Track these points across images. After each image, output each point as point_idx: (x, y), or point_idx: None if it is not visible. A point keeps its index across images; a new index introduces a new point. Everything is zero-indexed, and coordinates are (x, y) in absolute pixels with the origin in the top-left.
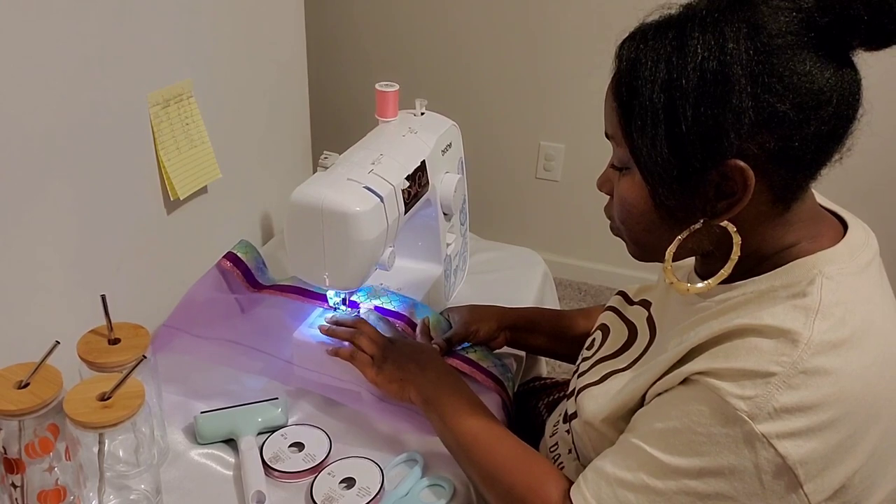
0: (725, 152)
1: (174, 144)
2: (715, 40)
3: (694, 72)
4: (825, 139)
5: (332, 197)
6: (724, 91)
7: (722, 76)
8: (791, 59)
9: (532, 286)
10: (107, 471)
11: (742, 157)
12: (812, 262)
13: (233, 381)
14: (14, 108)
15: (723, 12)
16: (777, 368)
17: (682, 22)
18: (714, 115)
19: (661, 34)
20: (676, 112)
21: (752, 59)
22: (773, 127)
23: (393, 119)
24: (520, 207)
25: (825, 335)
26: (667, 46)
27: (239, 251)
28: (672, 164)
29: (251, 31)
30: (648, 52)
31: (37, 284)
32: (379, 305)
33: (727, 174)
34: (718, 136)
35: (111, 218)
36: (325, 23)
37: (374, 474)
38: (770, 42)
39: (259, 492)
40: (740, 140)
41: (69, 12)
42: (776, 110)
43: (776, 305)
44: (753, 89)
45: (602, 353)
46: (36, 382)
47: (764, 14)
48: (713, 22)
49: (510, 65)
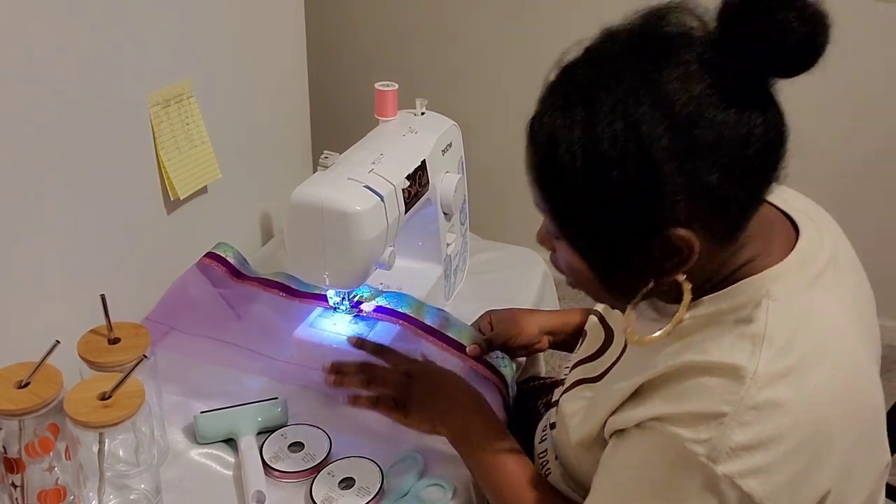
0: (660, 228)
1: (174, 144)
2: (627, 123)
3: (613, 158)
4: (759, 180)
5: (333, 196)
6: (649, 173)
7: (643, 160)
8: (710, 126)
9: (532, 286)
10: (107, 470)
11: (679, 224)
12: (759, 281)
13: (232, 381)
14: (14, 109)
15: (630, 85)
16: (727, 408)
17: (588, 97)
18: (643, 197)
19: (569, 112)
20: (603, 199)
21: (669, 138)
22: (706, 196)
23: (392, 118)
24: (520, 207)
25: (772, 366)
26: (578, 131)
27: (218, 250)
28: (607, 248)
29: (251, 31)
30: (560, 140)
31: (37, 284)
32: (380, 305)
33: (668, 243)
34: (651, 215)
35: (111, 218)
36: (325, 23)
37: (373, 474)
38: (683, 113)
39: (259, 491)
40: (676, 212)
41: (69, 12)
42: (706, 182)
43: (723, 336)
44: (679, 167)
45: (579, 355)
46: (36, 382)
47: (672, 82)
48: (622, 101)
49: (510, 65)
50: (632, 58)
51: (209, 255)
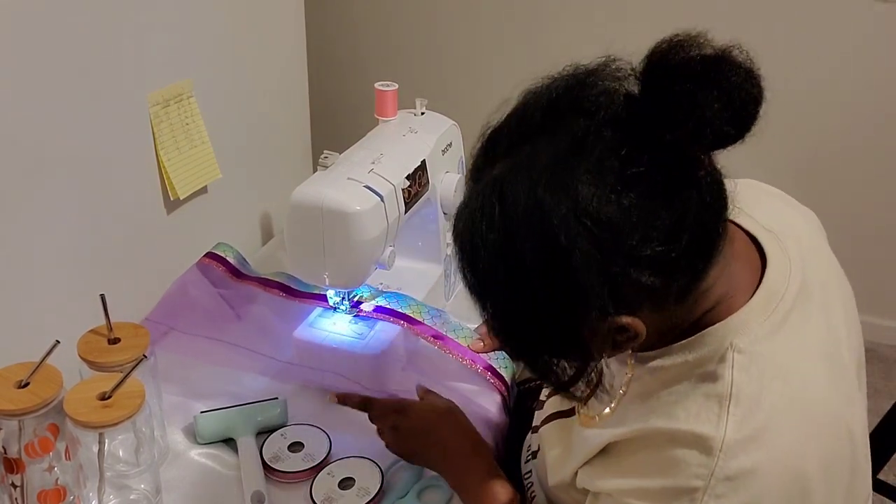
0: (598, 322)
1: (174, 144)
2: (544, 233)
3: (535, 271)
4: (704, 258)
5: (333, 196)
6: (573, 285)
7: (568, 271)
8: (632, 228)
9: None
10: (107, 471)
11: (620, 314)
12: (723, 332)
13: (233, 381)
14: (14, 108)
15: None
16: (699, 483)
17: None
18: (573, 304)
19: (486, 211)
20: (530, 305)
21: (591, 249)
22: (643, 293)
23: (392, 118)
24: None
25: (740, 430)
26: (496, 238)
27: (218, 250)
28: (543, 351)
29: (251, 31)
30: (481, 246)
31: (37, 284)
32: (379, 305)
33: (610, 329)
34: (585, 317)
35: (111, 218)
36: (324, 23)
37: (373, 474)
38: (603, 219)
39: (258, 492)
40: (610, 309)
41: (69, 12)
42: (638, 282)
43: (689, 396)
44: (604, 276)
45: None
46: (36, 382)
47: (587, 185)
48: (538, 207)
49: (510, 65)
50: (550, 143)
51: (209, 255)
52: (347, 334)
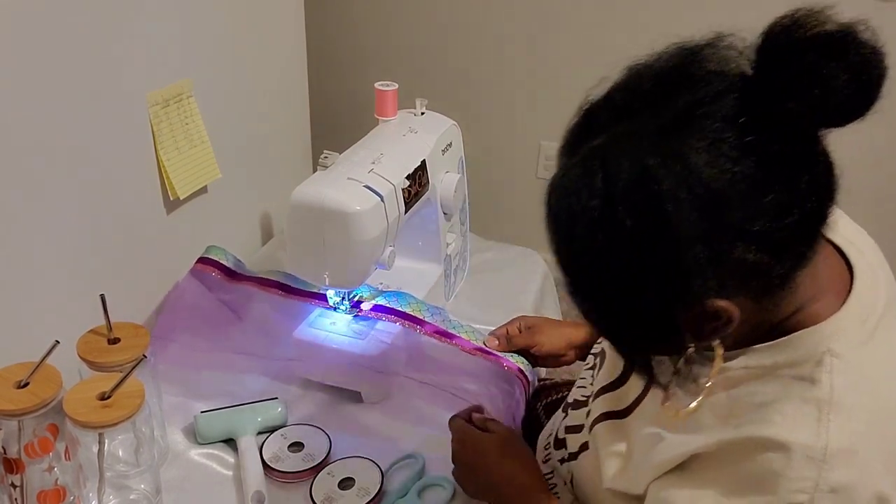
0: (692, 305)
1: (174, 144)
2: (650, 200)
3: (637, 241)
4: (804, 243)
5: (333, 196)
6: (675, 258)
7: (668, 244)
8: (742, 201)
9: (532, 286)
10: (107, 471)
11: (717, 297)
12: (818, 335)
13: (233, 381)
14: (14, 108)
15: (653, 153)
16: (802, 497)
17: (607, 163)
18: (671, 280)
19: (587, 181)
20: (626, 281)
21: (699, 219)
22: (744, 273)
23: (392, 118)
24: (520, 207)
25: (842, 438)
26: (597, 209)
27: (210, 254)
28: (634, 335)
29: (251, 31)
30: (580, 217)
31: (37, 284)
32: (379, 304)
33: (704, 312)
34: (681, 297)
35: (111, 218)
36: (325, 23)
37: (373, 474)
38: (713, 189)
39: (259, 492)
40: (706, 290)
41: (69, 12)
42: (743, 260)
43: (783, 401)
44: (709, 249)
45: (600, 381)
46: (36, 382)
47: (699, 153)
48: (645, 173)
49: (510, 64)
50: (657, 115)
51: (201, 260)
52: (347, 334)
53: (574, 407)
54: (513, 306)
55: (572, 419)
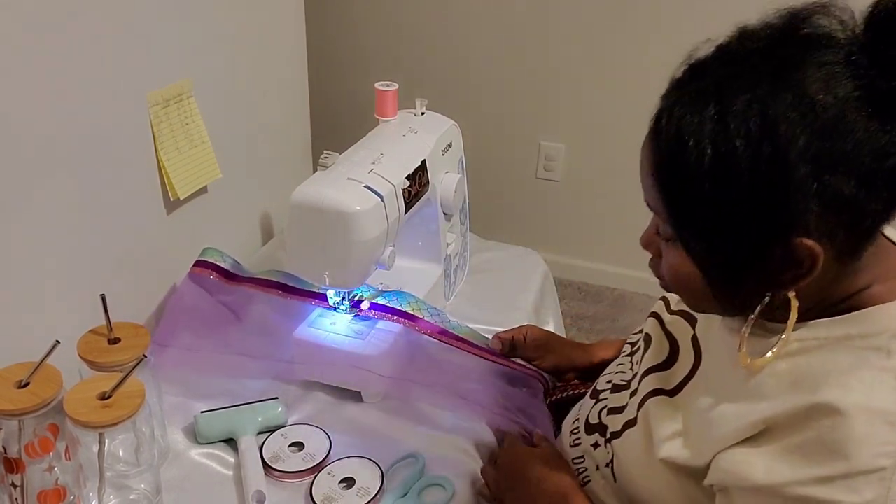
0: (787, 235)
1: (174, 144)
2: (764, 121)
3: (745, 159)
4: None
5: (333, 196)
6: (782, 178)
7: (777, 163)
8: (852, 132)
9: (532, 286)
10: (107, 471)
11: (807, 235)
12: (893, 310)
13: (233, 381)
14: (14, 108)
15: (768, 82)
16: (886, 461)
17: (721, 92)
18: (773, 203)
19: (700, 107)
20: (730, 202)
21: (808, 141)
22: (839, 207)
23: (392, 118)
24: (520, 207)
25: None
26: (709, 126)
27: (207, 257)
28: (727, 255)
29: (251, 30)
30: (690, 135)
31: (37, 284)
32: (378, 303)
33: (792, 252)
34: (779, 223)
35: (111, 218)
36: (325, 23)
37: (374, 474)
38: (825, 115)
39: (259, 491)
40: (805, 222)
41: (69, 12)
42: (841, 192)
43: (861, 367)
44: (815, 174)
45: (648, 362)
46: (36, 382)
47: (814, 82)
48: (759, 99)
49: (510, 64)
50: (770, 56)
51: (199, 263)
52: (347, 334)
53: (613, 391)
54: (513, 306)
55: (613, 402)
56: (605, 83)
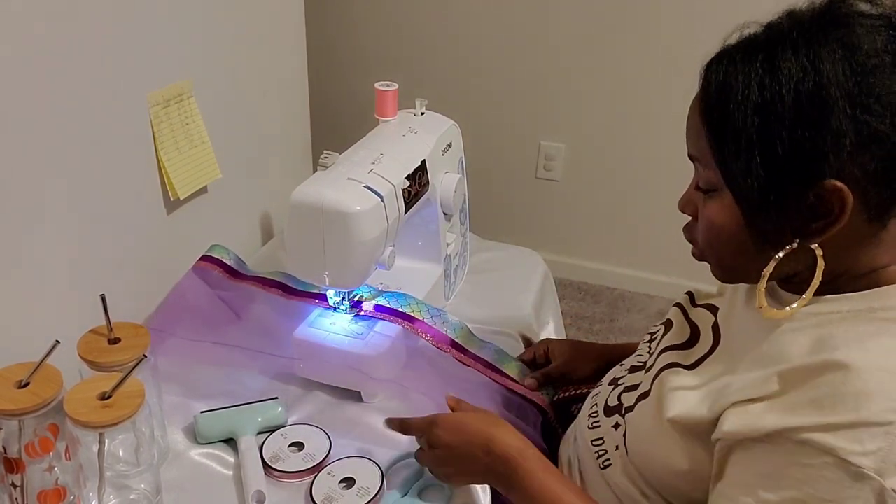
0: (823, 174)
1: (174, 144)
2: (809, 62)
3: (789, 94)
4: None
5: (333, 196)
6: (822, 113)
7: (818, 98)
8: (888, 78)
9: (532, 286)
10: (107, 470)
11: (840, 178)
12: None
13: (233, 381)
14: (14, 108)
15: (814, 33)
16: (893, 416)
17: (771, 44)
18: (811, 137)
19: (749, 56)
20: (772, 135)
21: (848, 80)
22: (874, 147)
23: (392, 118)
24: (520, 207)
25: None
26: (758, 69)
27: (213, 253)
28: (767, 186)
29: (251, 31)
30: (738, 75)
31: (37, 284)
32: (378, 304)
33: (823, 195)
34: (816, 158)
35: (111, 218)
36: (325, 23)
37: (373, 474)
38: (866, 62)
39: (259, 491)
40: (839, 161)
41: (69, 12)
42: (876, 130)
43: (880, 335)
44: (852, 110)
45: (667, 342)
46: (36, 382)
47: (858, 34)
48: (805, 43)
49: (510, 64)
50: (818, 19)
51: (204, 258)
52: (347, 334)
53: (631, 372)
54: (513, 306)
55: (630, 381)
56: (605, 83)
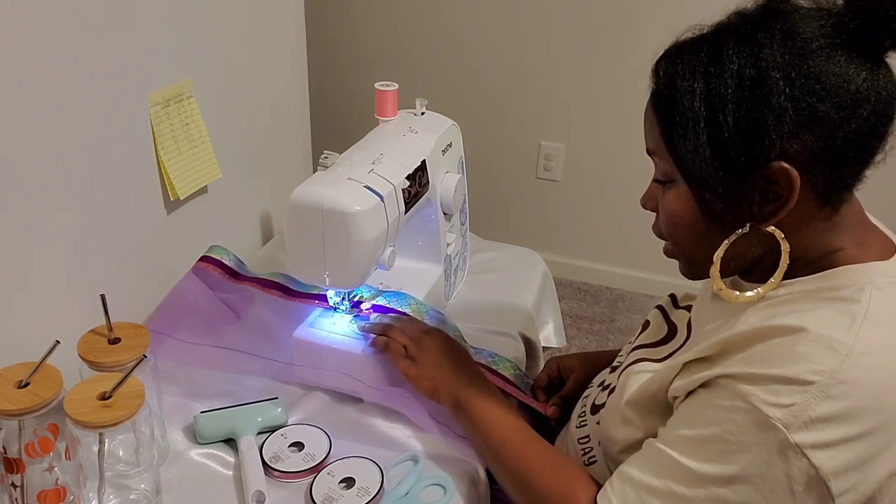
0: (768, 154)
1: (174, 144)
2: (749, 49)
3: (731, 79)
4: (866, 137)
5: (332, 196)
6: (763, 95)
7: (759, 80)
8: (826, 61)
9: (532, 286)
10: (107, 471)
11: (785, 159)
12: (862, 270)
13: (232, 381)
14: (14, 108)
15: (755, 23)
16: (815, 378)
17: (715, 36)
18: (754, 118)
19: (695, 49)
20: (717, 119)
21: (788, 63)
22: (815, 127)
23: (392, 118)
24: (520, 207)
25: (869, 343)
26: (703, 59)
27: (213, 253)
28: (716, 168)
29: (251, 30)
30: (685, 66)
31: (37, 284)
32: (379, 304)
33: (771, 177)
34: (760, 138)
35: (111, 218)
36: (325, 23)
37: (373, 474)
38: (804, 46)
39: (259, 491)
40: (782, 141)
41: (69, 12)
42: (816, 110)
43: (822, 308)
44: (791, 91)
45: (640, 341)
46: (36, 382)
47: (795, 21)
48: (747, 33)
49: (510, 64)
50: (759, 14)
51: (204, 258)
52: (347, 334)
53: (611, 371)
54: (513, 306)
55: (609, 381)
56: (605, 83)
